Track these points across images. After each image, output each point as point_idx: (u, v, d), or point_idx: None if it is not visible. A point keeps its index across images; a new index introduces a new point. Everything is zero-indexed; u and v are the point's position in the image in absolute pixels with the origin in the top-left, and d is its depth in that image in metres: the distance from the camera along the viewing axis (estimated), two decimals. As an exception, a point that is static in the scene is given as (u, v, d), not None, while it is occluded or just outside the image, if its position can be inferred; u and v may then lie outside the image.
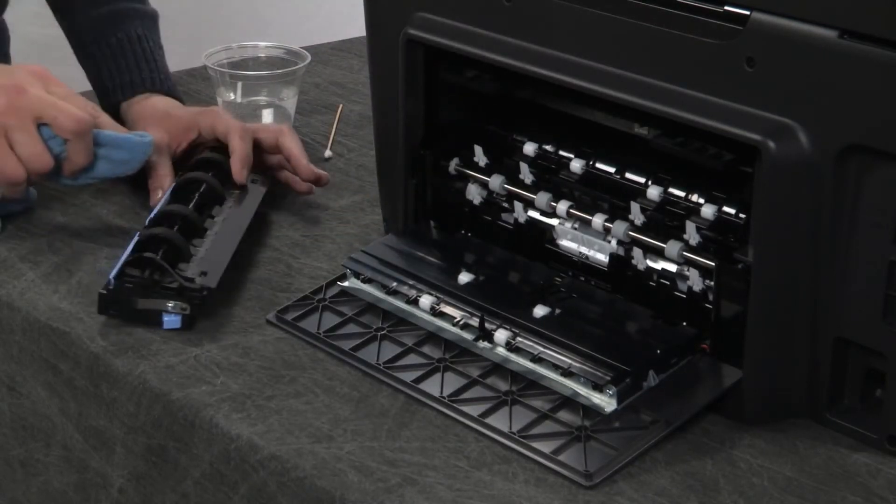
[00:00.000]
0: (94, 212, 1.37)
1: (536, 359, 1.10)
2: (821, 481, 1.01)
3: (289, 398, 1.09)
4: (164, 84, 1.49)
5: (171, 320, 1.17)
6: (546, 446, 1.03)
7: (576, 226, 1.19)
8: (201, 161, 1.36)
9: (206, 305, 1.17)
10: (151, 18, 1.56)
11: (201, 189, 1.31)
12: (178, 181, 1.33)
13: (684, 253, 1.11)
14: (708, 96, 1.03)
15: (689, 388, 1.08)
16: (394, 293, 1.20)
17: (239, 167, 1.35)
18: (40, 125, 1.23)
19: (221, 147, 1.38)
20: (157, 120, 1.41)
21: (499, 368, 1.11)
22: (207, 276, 1.19)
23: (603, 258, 1.17)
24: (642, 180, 1.14)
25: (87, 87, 1.56)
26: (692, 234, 1.10)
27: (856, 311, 1.03)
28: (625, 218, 1.14)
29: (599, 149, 1.18)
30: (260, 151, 1.40)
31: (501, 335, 1.12)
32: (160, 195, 1.33)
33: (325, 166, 1.48)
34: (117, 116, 1.43)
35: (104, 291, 1.17)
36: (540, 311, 1.14)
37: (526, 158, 1.22)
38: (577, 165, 1.18)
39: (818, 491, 1.00)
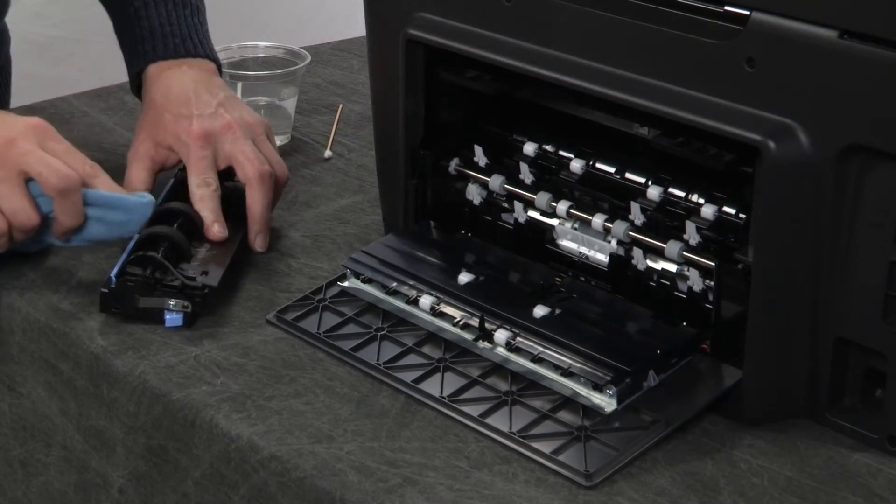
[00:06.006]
0: (94, 212, 1.37)
1: (536, 359, 1.10)
2: (821, 481, 1.01)
3: (289, 398, 1.09)
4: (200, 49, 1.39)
5: (172, 318, 1.17)
6: (546, 446, 1.03)
7: (576, 226, 1.19)
8: None
9: (207, 304, 1.17)
10: None
11: None
12: (176, 180, 1.32)
13: (684, 253, 1.11)
14: (708, 96, 1.03)
15: (689, 388, 1.08)
16: (394, 293, 1.19)
17: (254, 232, 1.28)
18: (30, 181, 1.18)
19: None
20: (163, 124, 1.32)
21: (499, 368, 1.11)
22: (209, 274, 1.19)
23: (603, 258, 1.17)
24: (642, 180, 1.14)
25: (87, 86, 1.56)
26: (692, 234, 1.10)
27: (856, 311, 1.03)
28: (625, 218, 1.14)
29: (599, 149, 1.18)
30: None
31: (501, 335, 1.12)
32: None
33: (325, 166, 1.48)
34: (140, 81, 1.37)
35: (106, 290, 1.17)
36: (540, 311, 1.14)
37: (526, 158, 1.22)
38: (577, 165, 1.18)
39: (818, 491, 1.00)
